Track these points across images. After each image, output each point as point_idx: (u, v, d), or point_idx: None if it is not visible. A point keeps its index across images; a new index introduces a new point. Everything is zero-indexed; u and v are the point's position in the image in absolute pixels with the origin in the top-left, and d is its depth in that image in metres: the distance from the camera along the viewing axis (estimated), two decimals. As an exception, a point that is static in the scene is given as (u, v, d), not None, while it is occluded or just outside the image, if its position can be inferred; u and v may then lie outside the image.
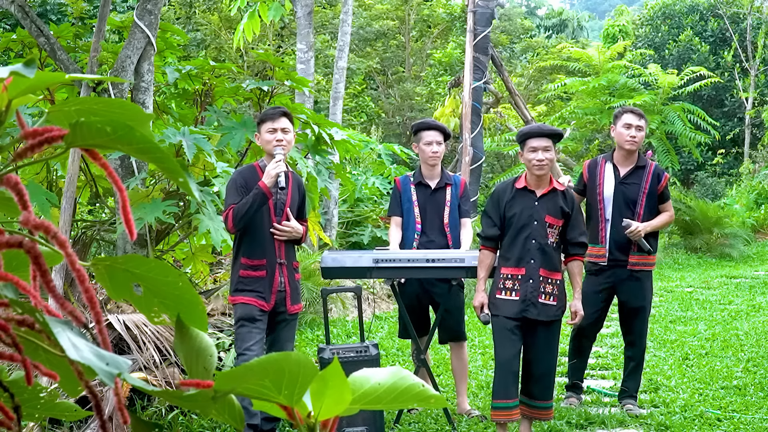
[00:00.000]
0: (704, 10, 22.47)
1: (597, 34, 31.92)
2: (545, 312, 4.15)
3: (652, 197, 4.91)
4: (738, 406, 5.01)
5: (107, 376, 0.79)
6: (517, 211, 4.18)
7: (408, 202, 5.02)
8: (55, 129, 0.86)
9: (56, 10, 12.23)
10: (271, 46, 17.93)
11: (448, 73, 19.54)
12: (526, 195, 4.20)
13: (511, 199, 4.21)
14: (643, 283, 4.94)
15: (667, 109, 15.16)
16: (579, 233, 4.23)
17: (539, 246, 4.14)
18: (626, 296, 4.96)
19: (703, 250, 13.16)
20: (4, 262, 0.90)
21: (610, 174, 4.96)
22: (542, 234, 4.15)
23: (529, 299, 4.13)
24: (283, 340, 4.35)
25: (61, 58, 4.64)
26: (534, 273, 4.14)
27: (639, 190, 4.90)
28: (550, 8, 36.69)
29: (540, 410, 4.25)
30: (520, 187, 4.21)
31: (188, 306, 1.02)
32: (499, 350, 4.26)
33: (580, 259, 4.27)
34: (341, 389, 0.89)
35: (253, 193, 4.10)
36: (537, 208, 4.16)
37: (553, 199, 4.19)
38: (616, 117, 5.04)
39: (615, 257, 4.91)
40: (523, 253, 4.15)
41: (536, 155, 4.11)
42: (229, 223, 4.17)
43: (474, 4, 10.01)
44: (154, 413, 4.43)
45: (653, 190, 4.91)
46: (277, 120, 4.21)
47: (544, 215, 4.15)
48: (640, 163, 4.96)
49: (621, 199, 4.91)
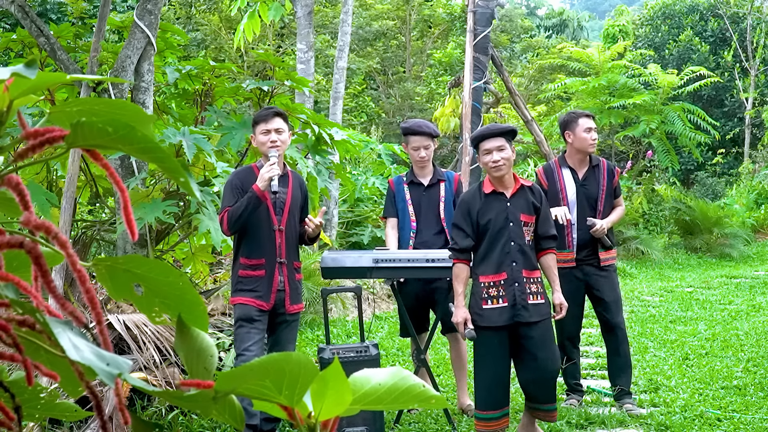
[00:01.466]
0: (704, 10, 22.46)
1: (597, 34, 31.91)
2: (537, 312, 4.08)
3: (609, 194, 5.08)
4: (738, 406, 5.01)
5: (108, 377, 0.80)
6: (491, 216, 4.11)
7: (402, 201, 5.05)
8: (56, 129, 0.86)
9: (56, 9, 12.23)
10: (271, 46, 17.93)
11: (448, 73, 19.54)
12: (497, 198, 4.14)
13: (483, 205, 4.14)
14: (611, 277, 5.09)
15: (667, 109, 15.16)
16: (549, 226, 4.22)
17: (519, 247, 4.09)
18: (600, 290, 5.05)
19: (703, 250, 13.16)
20: (5, 262, 0.90)
21: (569, 178, 5.07)
22: (520, 234, 4.10)
23: (519, 303, 4.05)
24: (284, 342, 4.33)
25: (61, 58, 4.63)
26: (518, 275, 4.07)
27: (598, 189, 5.05)
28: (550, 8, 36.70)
29: (544, 412, 4.20)
30: (489, 192, 4.15)
31: (189, 306, 1.02)
32: (483, 364, 4.14)
33: (552, 251, 4.25)
34: (342, 389, 0.89)
35: (247, 197, 4.07)
36: (510, 209, 4.12)
37: (524, 197, 4.16)
38: (569, 122, 5.10)
39: (582, 257, 5.03)
40: (503, 257, 4.08)
41: (491, 156, 4.08)
42: (224, 226, 4.14)
43: (474, 4, 10.01)
44: (154, 413, 4.43)
45: (610, 187, 5.08)
46: (270, 121, 4.17)
47: (519, 214, 4.11)
48: (593, 162, 5.11)
49: (583, 200, 5.04)
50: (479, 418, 4.15)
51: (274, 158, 4.10)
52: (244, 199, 4.08)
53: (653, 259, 12.29)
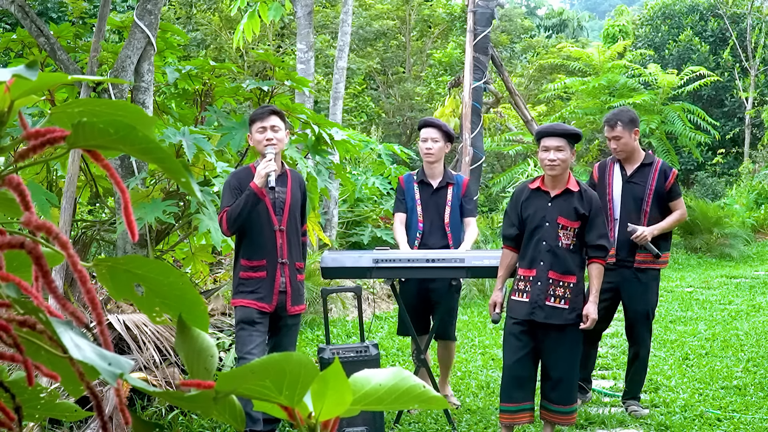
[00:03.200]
0: (704, 10, 22.46)
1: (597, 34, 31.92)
2: (555, 315, 4.07)
3: (659, 195, 4.87)
4: (738, 406, 5.01)
5: (110, 376, 0.80)
6: (531, 212, 4.15)
7: (411, 200, 5.04)
8: (57, 130, 0.86)
9: (56, 9, 12.23)
10: (271, 46, 17.93)
11: (448, 73, 19.53)
12: (540, 195, 4.17)
13: (527, 199, 4.19)
14: (648, 285, 4.89)
15: (667, 109, 15.17)
16: (597, 236, 4.13)
17: (549, 248, 4.09)
18: (629, 299, 4.93)
19: (703, 250, 13.16)
20: (6, 262, 0.90)
21: (618, 174, 4.96)
22: (553, 236, 4.09)
23: (536, 301, 4.08)
24: (286, 344, 4.32)
25: (61, 58, 4.63)
26: (542, 275, 4.09)
27: (645, 188, 4.87)
28: (550, 8, 36.70)
29: (559, 415, 4.19)
30: (534, 188, 4.19)
31: (190, 306, 1.02)
32: (504, 354, 4.26)
33: (599, 261, 4.16)
34: (342, 390, 0.90)
35: (245, 195, 4.06)
36: (549, 209, 4.12)
37: (568, 200, 4.13)
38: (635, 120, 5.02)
39: (621, 257, 4.88)
40: (535, 255, 4.12)
41: (548, 155, 4.09)
42: (223, 227, 4.13)
43: (474, 4, 10.01)
44: (154, 413, 4.42)
45: (660, 188, 4.87)
46: (266, 119, 4.16)
47: (557, 216, 4.10)
48: (646, 160, 4.94)
49: (629, 197, 4.89)
50: (500, 410, 4.25)
51: (271, 154, 4.08)
52: (242, 197, 4.06)
53: (653, 259, 12.27)
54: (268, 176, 4.02)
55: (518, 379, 4.17)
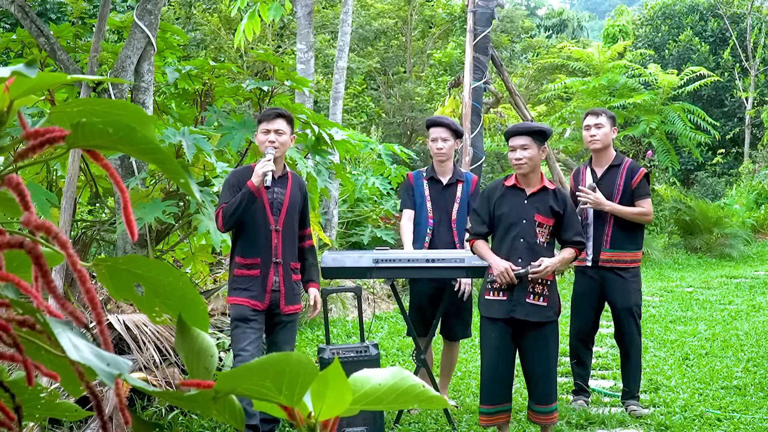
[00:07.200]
0: (704, 10, 22.47)
1: (597, 34, 31.93)
2: (535, 313, 4.09)
3: (627, 192, 4.94)
4: (738, 406, 5.01)
5: (108, 377, 0.80)
6: (506, 209, 4.14)
7: (421, 197, 5.04)
8: (56, 130, 0.86)
9: (56, 9, 12.23)
10: (271, 46, 17.93)
11: (448, 73, 19.53)
12: (516, 193, 4.17)
13: (501, 197, 4.18)
14: (629, 281, 4.99)
15: (667, 109, 15.16)
16: (574, 233, 4.17)
17: (528, 245, 4.10)
18: (614, 296, 5.02)
19: (703, 250, 13.16)
20: (5, 262, 0.90)
21: (589, 177, 5.06)
22: (531, 233, 4.11)
23: (516, 299, 4.08)
24: (281, 343, 4.33)
25: (61, 58, 4.63)
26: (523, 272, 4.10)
27: (614, 186, 4.96)
28: (550, 8, 36.70)
29: (540, 415, 4.19)
30: (510, 185, 4.19)
31: (190, 306, 1.02)
32: (483, 356, 4.22)
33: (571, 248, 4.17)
34: (342, 390, 0.90)
35: (241, 193, 4.08)
36: (526, 206, 4.13)
37: (543, 198, 4.15)
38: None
39: (598, 258, 4.98)
40: (511, 252, 4.11)
41: (514, 154, 4.11)
42: (219, 223, 4.16)
43: (474, 4, 10.01)
44: (154, 413, 4.43)
45: (627, 187, 4.94)
46: (272, 121, 4.18)
47: (533, 214, 4.11)
48: (615, 161, 5.04)
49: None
50: (479, 412, 4.25)
51: (270, 155, 4.10)
52: (238, 195, 4.09)
53: (653, 259, 12.29)
54: (265, 176, 4.04)
55: (498, 380, 4.17)
